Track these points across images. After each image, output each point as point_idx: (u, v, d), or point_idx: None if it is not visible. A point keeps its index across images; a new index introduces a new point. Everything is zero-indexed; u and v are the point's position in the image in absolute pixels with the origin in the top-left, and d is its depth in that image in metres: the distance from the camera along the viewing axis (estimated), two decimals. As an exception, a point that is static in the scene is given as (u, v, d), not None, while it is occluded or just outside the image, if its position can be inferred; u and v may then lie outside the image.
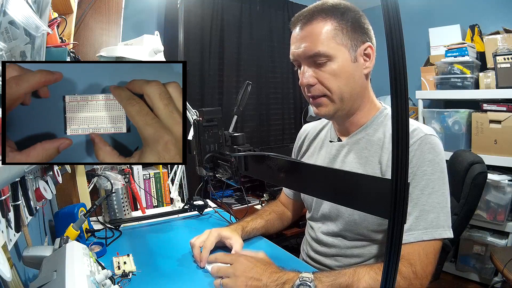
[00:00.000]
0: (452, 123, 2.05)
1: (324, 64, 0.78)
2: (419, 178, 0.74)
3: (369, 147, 0.84)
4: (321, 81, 0.79)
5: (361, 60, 0.80)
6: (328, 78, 0.78)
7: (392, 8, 0.32)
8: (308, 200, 1.01)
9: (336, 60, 0.77)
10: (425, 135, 0.77)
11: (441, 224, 0.73)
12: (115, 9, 1.44)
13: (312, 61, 0.79)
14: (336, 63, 0.78)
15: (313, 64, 0.79)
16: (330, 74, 0.78)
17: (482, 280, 1.97)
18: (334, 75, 0.78)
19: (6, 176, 0.56)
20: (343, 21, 0.77)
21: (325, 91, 0.80)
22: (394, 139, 0.34)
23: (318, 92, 0.81)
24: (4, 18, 0.50)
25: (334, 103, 0.81)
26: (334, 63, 0.78)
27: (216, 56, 2.19)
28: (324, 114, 0.84)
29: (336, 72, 0.78)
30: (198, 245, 0.90)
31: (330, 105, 0.82)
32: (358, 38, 0.79)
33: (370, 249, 0.85)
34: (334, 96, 0.80)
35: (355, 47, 0.79)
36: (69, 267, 0.53)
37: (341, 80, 0.79)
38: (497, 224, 1.88)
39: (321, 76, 0.79)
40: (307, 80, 0.80)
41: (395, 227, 0.35)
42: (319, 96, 0.81)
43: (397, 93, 0.33)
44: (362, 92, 0.84)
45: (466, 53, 1.98)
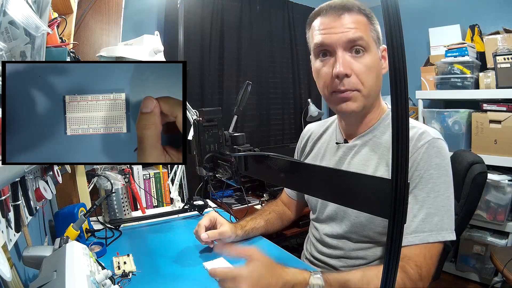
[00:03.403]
0: (452, 123, 2.05)
1: (361, 56, 0.75)
2: (426, 181, 0.74)
3: (376, 149, 0.84)
4: (357, 73, 0.75)
5: (381, 60, 0.81)
6: (364, 71, 0.75)
7: (392, 8, 0.32)
8: (312, 202, 1.00)
9: (371, 54, 0.76)
10: (432, 138, 0.76)
11: (445, 227, 0.73)
12: (115, 9, 1.44)
13: (350, 48, 0.75)
14: (371, 56, 0.76)
15: (349, 53, 0.76)
16: (366, 67, 0.75)
17: (482, 280, 1.96)
18: (369, 68, 0.76)
19: (6, 176, 0.56)
20: (372, 19, 0.78)
21: (359, 85, 0.76)
22: (394, 139, 0.34)
23: (351, 86, 0.76)
24: (4, 18, 0.50)
25: (364, 99, 0.78)
26: (370, 56, 0.76)
27: (216, 56, 2.18)
28: (352, 110, 0.79)
29: (371, 66, 0.76)
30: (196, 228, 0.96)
31: (360, 101, 0.78)
32: (379, 39, 0.80)
33: (374, 251, 0.85)
34: (365, 91, 0.77)
35: (379, 46, 0.80)
36: (69, 267, 0.53)
37: (373, 75, 0.77)
38: (497, 224, 1.88)
39: (357, 67, 0.75)
40: (345, 69, 0.74)
41: (395, 227, 0.35)
42: (350, 90, 0.76)
43: (397, 93, 0.33)
44: (378, 92, 0.84)
45: (466, 53, 1.98)
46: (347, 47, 0.75)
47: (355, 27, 0.75)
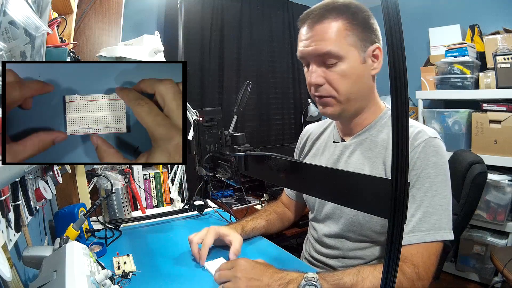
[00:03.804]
0: (452, 123, 2.05)
1: (333, 65, 0.77)
2: (423, 181, 0.74)
3: (373, 148, 0.84)
4: (330, 81, 0.79)
5: (369, 61, 0.80)
6: (336, 79, 0.78)
7: (392, 8, 0.32)
8: (311, 201, 1.01)
9: (346, 61, 0.77)
10: (429, 137, 0.76)
11: (443, 226, 0.73)
12: (115, 9, 1.44)
13: (322, 61, 0.78)
14: (345, 64, 0.77)
15: (322, 64, 0.79)
16: (339, 75, 0.78)
17: (482, 280, 1.96)
18: (343, 76, 0.78)
19: (6, 176, 0.56)
20: (354, 21, 0.77)
21: (332, 92, 0.80)
22: (394, 140, 0.34)
23: (325, 93, 0.80)
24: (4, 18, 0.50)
25: (340, 103, 0.81)
26: (344, 64, 0.77)
27: (216, 56, 2.18)
28: (330, 114, 0.84)
29: (346, 73, 0.77)
30: (196, 241, 0.90)
31: (337, 105, 0.82)
32: (367, 38, 0.78)
33: (373, 251, 0.85)
34: (341, 97, 0.80)
35: (365, 48, 0.78)
36: (69, 267, 0.53)
37: (349, 81, 0.78)
38: (497, 224, 1.88)
39: (330, 76, 0.78)
40: (316, 80, 0.79)
41: (395, 227, 0.35)
42: (325, 96, 0.81)
43: (397, 93, 0.33)
44: (368, 93, 0.84)
45: (466, 53, 1.98)
46: (318, 60, 0.79)
47: (325, 40, 0.76)
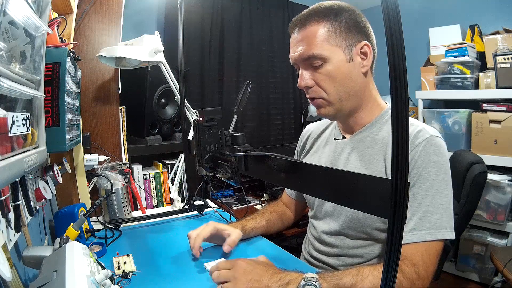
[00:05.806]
0: (452, 123, 2.05)
1: (319, 67, 0.80)
2: (424, 179, 0.74)
3: (373, 145, 0.85)
4: (318, 82, 0.81)
5: (357, 59, 0.80)
6: (324, 79, 0.80)
7: (392, 8, 0.32)
8: (310, 198, 1.02)
9: (331, 62, 0.79)
10: (430, 136, 0.77)
11: (444, 225, 0.73)
12: (115, 9, 1.44)
13: (308, 64, 0.81)
14: (331, 65, 0.79)
15: (309, 67, 0.82)
16: (326, 76, 0.80)
17: (482, 280, 1.96)
18: (330, 76, 0.80)
19: (6, 176, 0.55)
20: (336, 22, 0.79)
21: (321, 93, 0.82)
22: (394, 139, 0.34)
23: (315, 94, 0.83)
24: (4, 18, 0.50)
25: (332, 104, 0.83)
26: (329, 64, 0.79)
27: (216, 56, 2.18)
28: (324, 114, 0.86)
29: (332, 73, 0.79)
30: (194, 236, 0.92)
31: (328, 106, 0.84)
32: (353, 37, 0.79)
33: (372, 249, 0.85)
34: (331, 97, 0.82)
35: (351, 47, 0.79)
36: (69, 267, 0.53)
37: (337, 81, 0.80)
38: (497, 224, 1.88)
39: (318, 78, 0.81)
40: (305, 82, 0.82)
41: (395, 227, 0.35)
42: (317, 98, 0.83)
43: (397, 93, 0.33)
44: (361, 91, 0.84)
45: (466, 53, 1.98)
46: (305, 64, 0.82)
47: (309, 43, 0.79)
